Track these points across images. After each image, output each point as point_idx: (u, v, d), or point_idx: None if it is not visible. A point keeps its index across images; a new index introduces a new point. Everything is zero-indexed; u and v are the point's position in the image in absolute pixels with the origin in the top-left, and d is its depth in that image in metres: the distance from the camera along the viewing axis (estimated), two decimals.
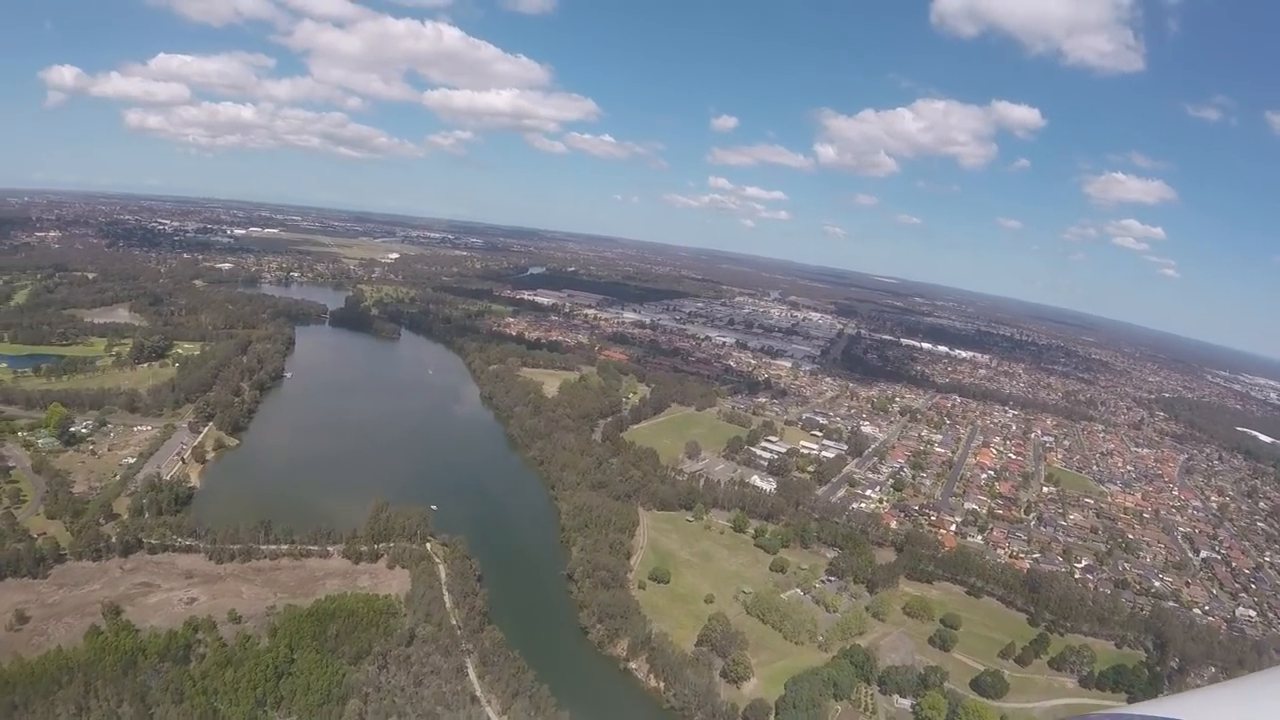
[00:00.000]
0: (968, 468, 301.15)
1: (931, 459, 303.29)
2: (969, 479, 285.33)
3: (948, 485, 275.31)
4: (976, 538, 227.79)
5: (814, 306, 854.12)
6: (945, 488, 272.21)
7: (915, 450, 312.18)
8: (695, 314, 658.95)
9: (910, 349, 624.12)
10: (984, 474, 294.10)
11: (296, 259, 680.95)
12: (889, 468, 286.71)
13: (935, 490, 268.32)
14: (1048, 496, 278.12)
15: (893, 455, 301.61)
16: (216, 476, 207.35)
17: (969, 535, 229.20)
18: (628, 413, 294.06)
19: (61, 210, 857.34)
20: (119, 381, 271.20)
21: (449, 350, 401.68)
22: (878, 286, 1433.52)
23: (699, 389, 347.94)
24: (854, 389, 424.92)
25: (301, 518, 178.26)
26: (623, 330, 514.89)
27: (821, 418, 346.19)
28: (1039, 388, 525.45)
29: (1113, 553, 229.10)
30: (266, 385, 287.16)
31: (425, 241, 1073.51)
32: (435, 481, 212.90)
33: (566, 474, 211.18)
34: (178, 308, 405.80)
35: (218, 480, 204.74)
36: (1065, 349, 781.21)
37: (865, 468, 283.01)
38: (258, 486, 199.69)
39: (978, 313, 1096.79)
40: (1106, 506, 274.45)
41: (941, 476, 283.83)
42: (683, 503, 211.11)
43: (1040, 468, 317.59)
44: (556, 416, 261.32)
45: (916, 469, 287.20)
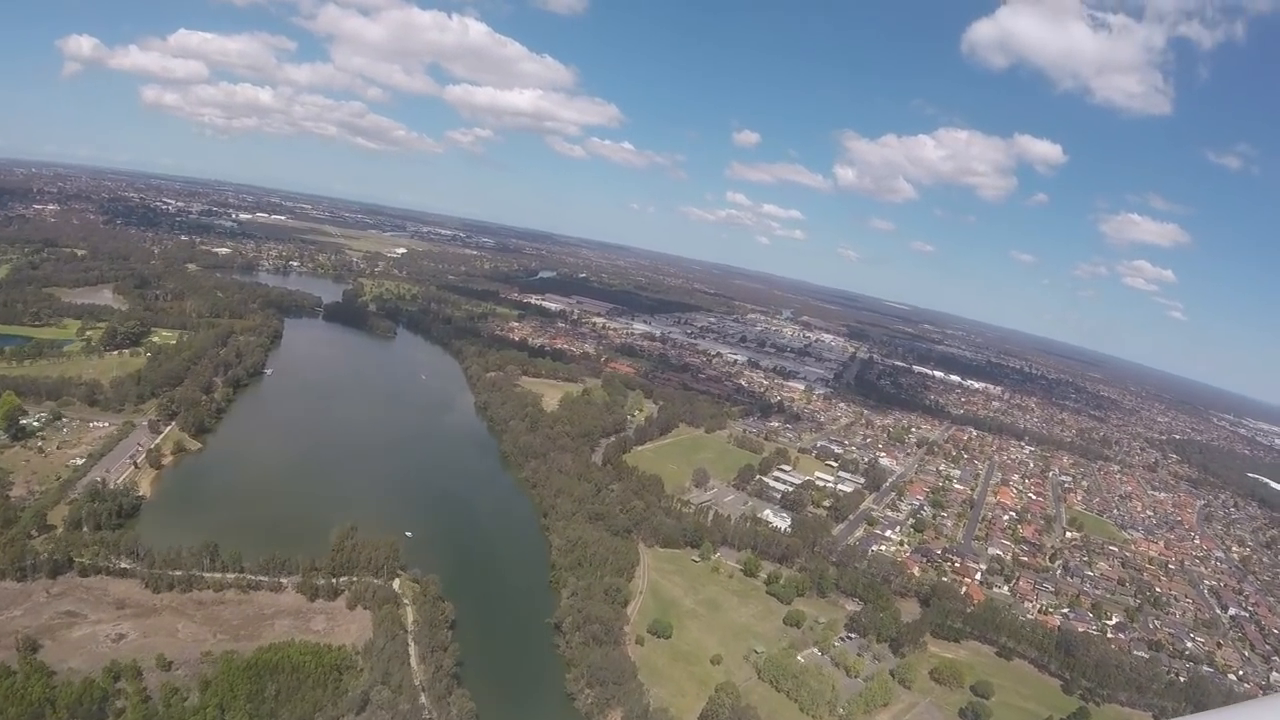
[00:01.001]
0: (988, 507, 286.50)
1: (951, 496, 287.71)
2: (990, 520, 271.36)
3: (969, 526, 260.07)
4: (1003, 588, 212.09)
5: (826, 328, 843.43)
6: (967, 529, 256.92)
7: (934, 486, 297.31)
8: (707, 329, 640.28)
9: (923, 377, 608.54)
10: (1005, 515, 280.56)
11: (299, 248, 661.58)
12: (908, 505, 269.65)
13: (957, 532, 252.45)
14: (1072, 543, 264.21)
15: (911, 491, 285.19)
16: (170, 485, 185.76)
17: (994, 585, 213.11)
18: (632, 432, 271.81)
19: (65, 184, 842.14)
20: (84, 370, 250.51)
21: (446, 353, 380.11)
22: (889, 312, 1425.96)
23: (709, 409, 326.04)
24: (869, 416, 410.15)
25: (257, 539, 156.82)
26: (631, 342, 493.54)
27: (837, 446, 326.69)
28: (1053, 423, 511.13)
29: (1142, 609, 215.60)
30: (243, 382, 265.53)
31: (436, 238, 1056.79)
32: (414, 502, 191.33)
33: (561, 501, 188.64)
34: (165, 291, 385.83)
35: (171, 489, 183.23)
36: (1074, 385, 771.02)
37: (884, 504, 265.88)
38: (213, 499, 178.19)
39: (987, 343, 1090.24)
40: (1131, 556, 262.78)
41: (962, 517, 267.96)
42: (689, 540, 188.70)
43: (1061, 510, 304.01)
44: (555, 434, 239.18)
45: (936, 507, 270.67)
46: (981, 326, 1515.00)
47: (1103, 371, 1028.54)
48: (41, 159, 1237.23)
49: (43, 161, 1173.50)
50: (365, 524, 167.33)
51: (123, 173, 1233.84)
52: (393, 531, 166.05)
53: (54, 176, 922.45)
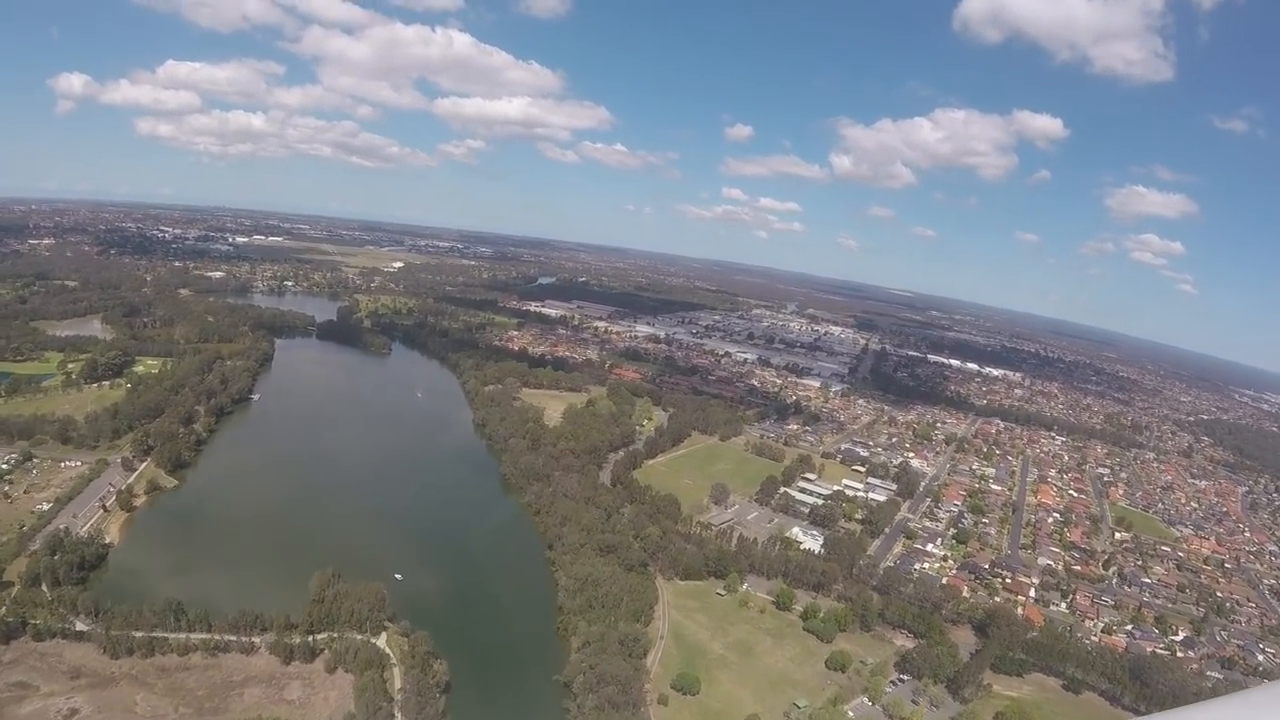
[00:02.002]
0: (1029, 508, 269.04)
1: (990, 499, 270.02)
2: (1035, 524, 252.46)
3: (1013, 533, 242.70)
4: (1060, 605, 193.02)
5: (833, 320, 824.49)
6: (1012, 536, 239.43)
7: (970, 488, 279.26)
8: (712, 327, 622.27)
9: (940, 366, 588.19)
10: (1050, 517, 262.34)
11: (294, 267, 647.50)
12: (946, 511, 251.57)
13: (1002, 540, 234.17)
14: (1123, 545, 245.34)
15: (947, 495, 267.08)
16: (141, 529, 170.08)
17: (1050, 602, 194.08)
18: (642, 445, 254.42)
19: (63, 218, 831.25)
20: (60, 405, 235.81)
21: (444, 367, 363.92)
22: (893, 300, 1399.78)
23: (722, 414, 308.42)
24: (890, 413, 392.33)
25: (231, 589, 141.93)
26: (636, 345, 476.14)
27: (862, 449, 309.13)
28: (1079, 409, 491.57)
29: (1207, 618, 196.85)
30: (227, 410, 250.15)
31: (433, 250, 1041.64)
32: (405, 537, 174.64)
33: (568, 530, 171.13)
34: (154, 319, 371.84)
35: (141, 534, 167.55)
36: (1093, 366, 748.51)
37: (920, 512, 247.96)
38: (186, 543, 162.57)
39: (996, 327, 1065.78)
40: (1185, 556, 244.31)
41: (1005, 522, 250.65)
42: (712, 569, 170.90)
43: (1105, 507, 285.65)
44: (558, 452, 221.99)
45: (976, 512, 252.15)
46: (989, 310, 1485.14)
47: (1117, 350, 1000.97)
48: (42, 195, 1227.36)
49: (43, 198, 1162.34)
50: (351, 566, 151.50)
51: (122, 204, 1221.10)
52: (380, 575, 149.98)
53: (52, 211, 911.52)
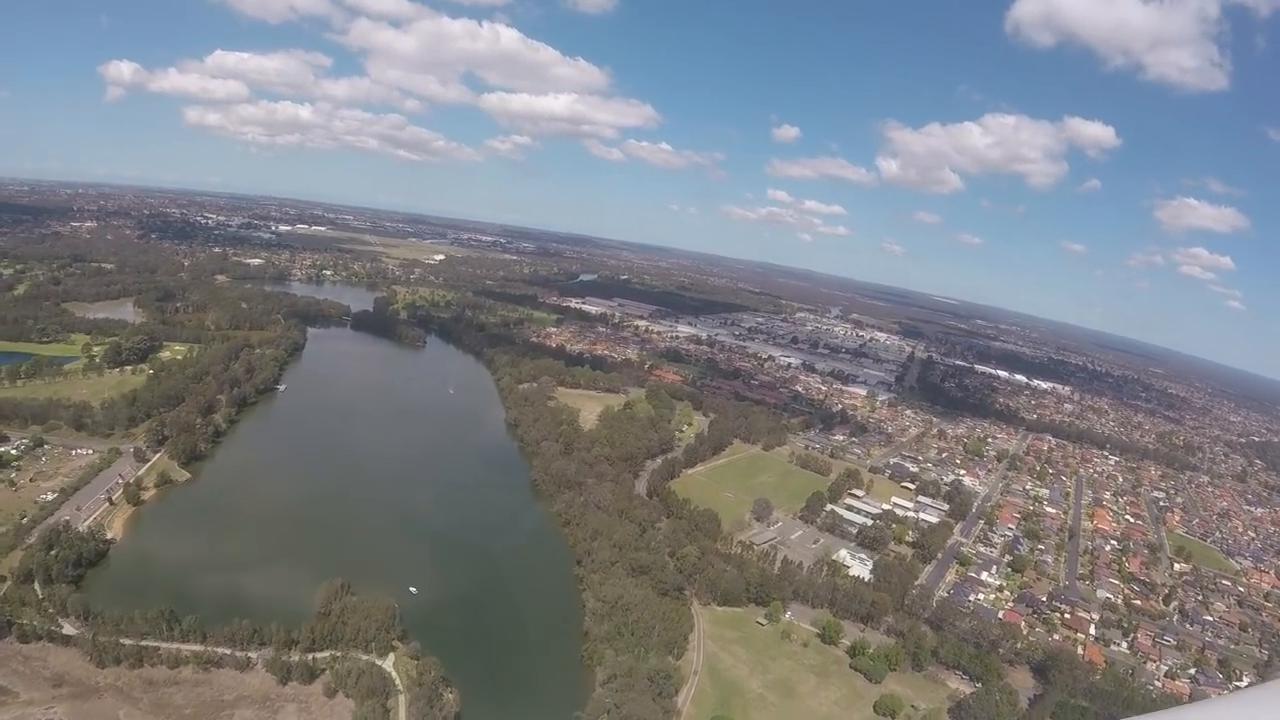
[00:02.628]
0: (1086, 534, 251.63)
1: (1045, 523, 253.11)
2: (1093, 552, 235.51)
3: (1070, 561, 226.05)
4: (1120, 644, 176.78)
5: (878, 326, 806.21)
6: (1069, 565, 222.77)
7: (1024, 510, 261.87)
8: (755, 330, 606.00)
9: (988, 377, 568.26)
10: (1107, 544, 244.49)
11: (334, 257, 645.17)
12: (1000, 536, 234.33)
13: (1059, 568, 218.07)
14: (1182, 578, 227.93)
15: (1001, 517, 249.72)
16: (146, 525, 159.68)
17: (1111, 640, 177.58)
18: (681, 453, 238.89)
19: (107, 202, 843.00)
20: (79, 390, 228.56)
21: (479, 362, 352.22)
22: (938, 307, 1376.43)
23: (765, 421, 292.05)
24: (939, 425, 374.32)
25: (233, 596, 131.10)
26: (677, 346, 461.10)
27: (911, 464, 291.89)
28: (1130, 427, 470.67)
29: (1271, 662, 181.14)
30: (250, 400, 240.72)
31: (475, 244, 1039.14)
32: (425, 546, 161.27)
33: (598, 546, 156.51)
34: (186, 304, 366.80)
35: (146, 531, 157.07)
36: (1141, 382, 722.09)
37: (973, 536, 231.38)
38: (191, 543, 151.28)
39: (1042, 338, 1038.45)
40: (1245, 591, 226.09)
41: (1061, 549, 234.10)
42: (753, 595, 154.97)
43: (1163, 534, 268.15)
44: (592, 458, 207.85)
45: (1032, 538, 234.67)
46: (1034, 321, 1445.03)
47: (1164, 366, 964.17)
48: (92, 181, 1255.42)
49: (92, 183, 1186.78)
50: (363, 575, 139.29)
51: (169, 191, 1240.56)
52: (393, 587, 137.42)
53: (98, 195, 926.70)
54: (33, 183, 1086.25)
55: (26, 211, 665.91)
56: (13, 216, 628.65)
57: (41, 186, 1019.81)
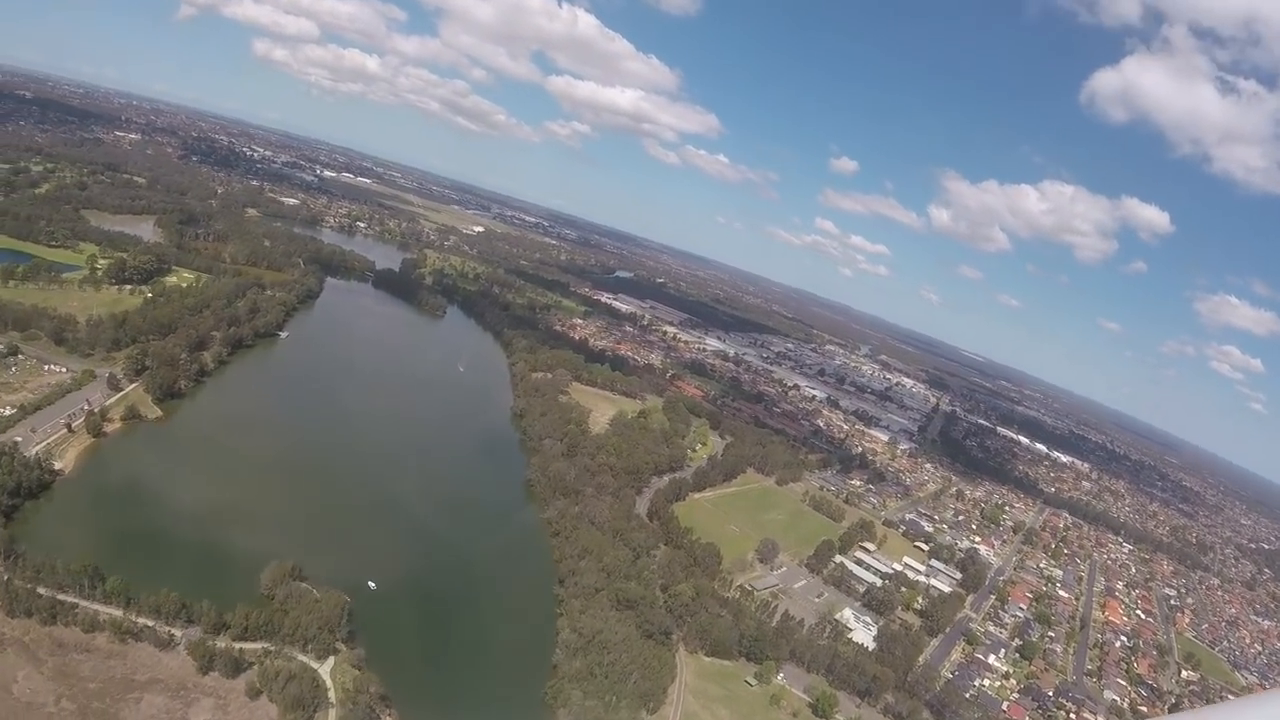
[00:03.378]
0: (1096, 625, 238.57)
1: (1057, 608, 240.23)
2: (1103, 647, 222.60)
3: (1079, 654, 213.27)
4: None
5: (905, 371, 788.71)
6: (1077, 658, 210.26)
7: (1037, 591, 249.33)
8: (784, 355, 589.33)
9: (1009, 441, 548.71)
10: (1117, 640, 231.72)
11: (372, 210, 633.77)
12: (1011, 616, 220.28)
13: (1067, 659, 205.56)
14: (1189, 687, 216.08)
15: (1013, 595, 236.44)
16: (101, 462, 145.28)
17: None
18: (690, 475, 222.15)
19: (158, 118, 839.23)
20: (70, 301, 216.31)
21: (496, 343, 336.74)
22: (965, 361, 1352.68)
23: (783, 453, 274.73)
24: (958, 484, 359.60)
25: (172, 558, 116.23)
26: (702, 359, 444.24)
27: (926, 522, 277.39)
28: (1145, 515, 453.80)
29: None
30: (247, 343, 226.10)
31: (518, 223, 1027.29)
32: (397, 535, 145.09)
33: (586, 567, 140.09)
34: (208, 232, 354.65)
35: (99, 468, 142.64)
36: (1158, 470, 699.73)
37: (983, 611, 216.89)
38: (144, 489, 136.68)
39: (1064, 410, 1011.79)
40: None
41: (1071, 638, 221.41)
42: (746, 649, 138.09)
43: (1172, 636, 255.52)
44: (595, 465, 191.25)
45: (1042, 622, 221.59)
46: (1058, 391, 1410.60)
47: (1180, 456, 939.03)
48: (147, 95, 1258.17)
49: (147, 97, 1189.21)
50: (320, 560, 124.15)
51: (225, 118, 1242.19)
52: (351, 578, 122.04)
53: (151, 110, 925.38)
54: (89, 86, 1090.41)
55: (74, 114, 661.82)
56: (60, 116, 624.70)
57: (96, 91, 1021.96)
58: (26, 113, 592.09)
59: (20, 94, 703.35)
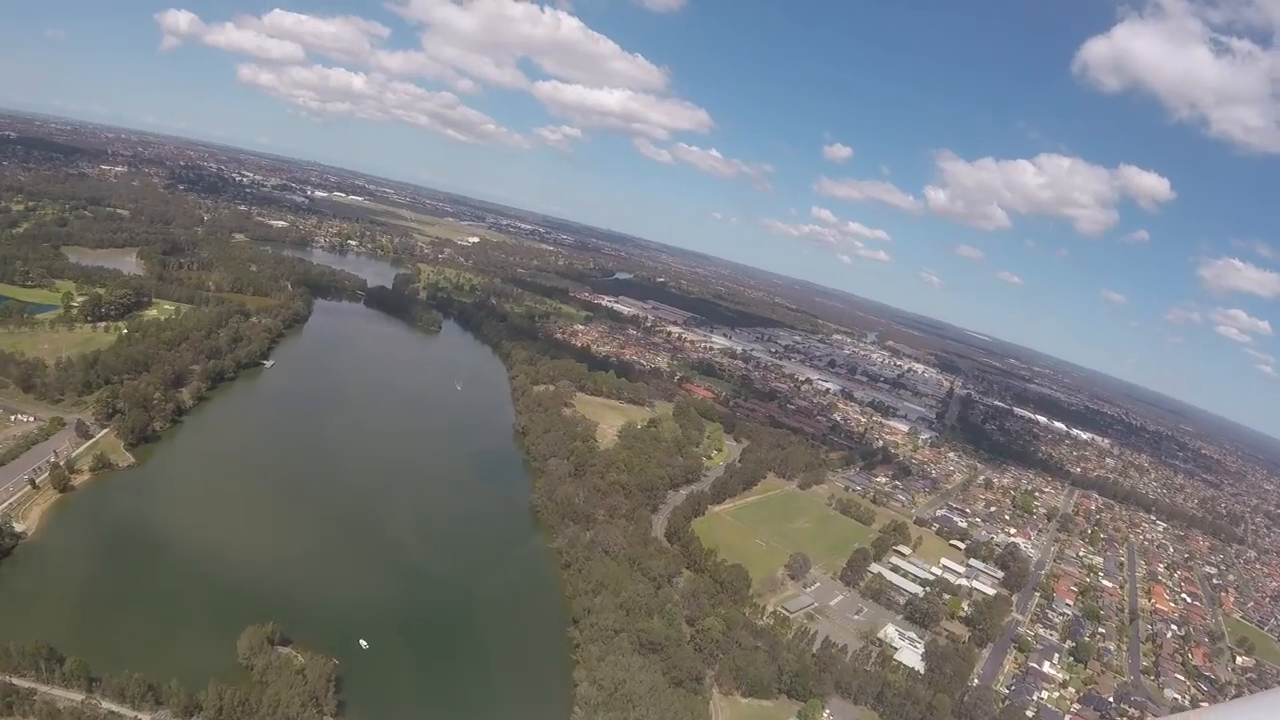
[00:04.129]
0: (1144, 615, 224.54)
1: (1103, 599, 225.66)
2: (1155, 639, 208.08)
3: (1132, 650, 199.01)
4: None
5: (915, 356, 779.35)
6: (1131, 655, 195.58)
7: (1081, 583, 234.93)
8: (792, 349, 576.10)
9: (1028, 423, 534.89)
10: (1168, 630, 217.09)
11: (363, 227, 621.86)
12: (1059, 613, 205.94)
13: (1121, 656, 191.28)
14: (1246, 674, 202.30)
15: (1058, 590, 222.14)
16: (69, 520, 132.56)
17: None
18: (708, 486, 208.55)
19: (145, 149, 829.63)
20: (42, 343, 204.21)
21: (496, 355, 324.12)
22: (972, 342, 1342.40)
23: (803, 454, 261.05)
24: (985, 472, 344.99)
25: (142, 632, 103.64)
26: (710, 358, 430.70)
27: (959, 517, 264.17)
28: (1172, 489, 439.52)
29: None
30: (229, 375, 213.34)
31: (513, 231, 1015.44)
32: (391, 581, 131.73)
33: (602, 604, 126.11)
34: (192, 260, 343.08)
35: (66, 528, 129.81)
36: (1176, 440, 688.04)
37: (1029, 611, 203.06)
38: (114, 550, 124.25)
39: (1075, 384, 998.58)
40: None
41: (1123, 633, 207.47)
42: (786, 686, 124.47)
43: (1220, 618, 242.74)
44: (606, 484, 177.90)
45: (1091, 618, 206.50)
46: (1066, 366, 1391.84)
47: (1193, 424, 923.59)
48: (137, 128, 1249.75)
49: (136, 130, 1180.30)
50: (306, 618, 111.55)
51: (216, 146, 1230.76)
52: (340, 637, 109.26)
53: (137, 142, 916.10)
54: (76, 123, 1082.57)
55: (60, 150, 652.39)
56: (45, 154, 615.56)
57: (84, 128, 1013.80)
58: (10, 153, 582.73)
59: (4, 135, 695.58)
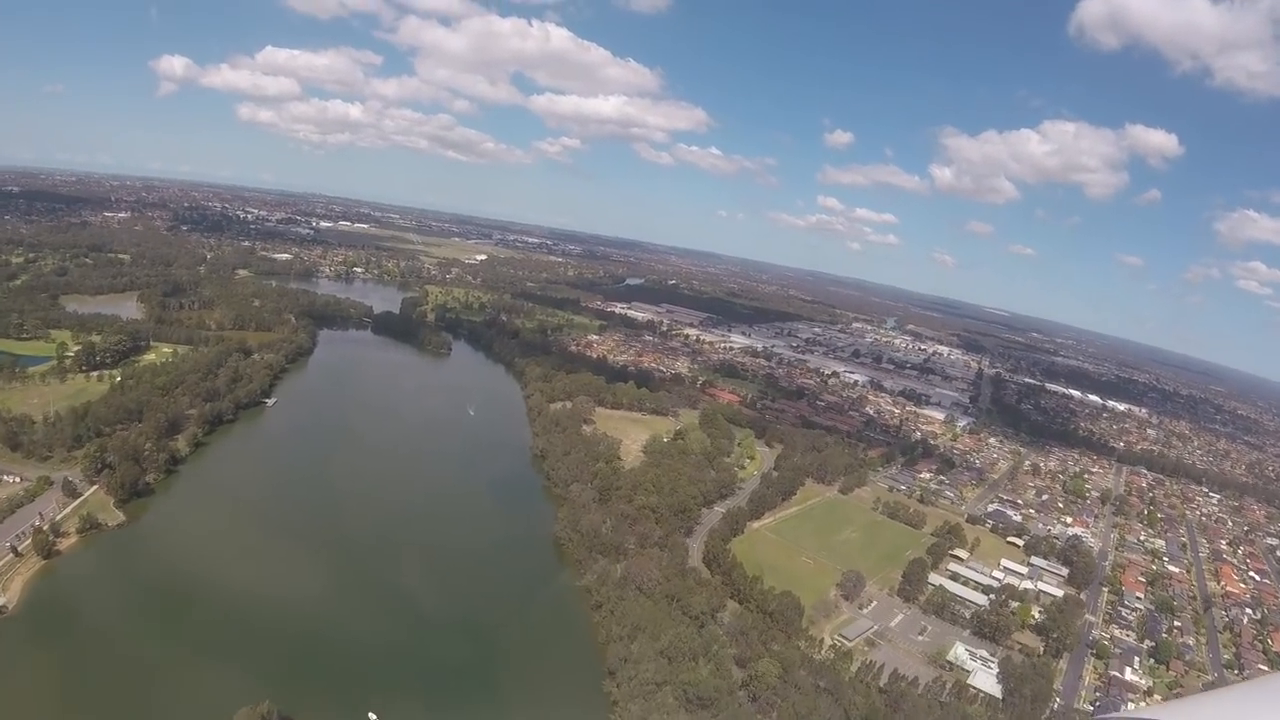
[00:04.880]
0: (1216, 599, 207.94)
1: (1172, 587, 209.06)
2: (1233, 627, 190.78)
3: (1211, 641, 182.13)
4: None
5: (937, 338, 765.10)
6: (1211, 648, 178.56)
7: (1148, 571, 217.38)
8: (813, 341, 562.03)
9: (1062, 398, 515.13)
10: (1243, 614, 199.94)
11: (369, 254, 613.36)
12: (1130, 609, 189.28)
13: (1200, 650, 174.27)
14: None
15: (1125, 583, 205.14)
16: (53, 588, 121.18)
17: None
18: (744, 500, 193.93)
19: (149, 194, 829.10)
20: (32, 397, 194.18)
21: (509, 374, 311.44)
22: (990, 319, 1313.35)
23: (840, 455, 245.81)
24: (1029, 456, 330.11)
25: (127, 714, 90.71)
26: (731, 358, 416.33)
27: (1012, 510, 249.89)
28: (1217, 455, 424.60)
29: None
30: (229, 418, 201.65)
31: (520, 246, 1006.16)
32: (404, 639, 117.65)
33: (639, 651, 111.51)
34: (194, 300, 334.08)
35: (51, 599, 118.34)
36: (1211, 403, 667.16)
37: (1100, 610, 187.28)
38: (102, 621, 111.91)
39: (1100, 354, 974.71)
40: None
41: (1199, 624, 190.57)
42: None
43: None
44: (635, 509, 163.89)
45: (1165, 610, 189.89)
46: (1088, 335, 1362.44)
47: (1224, 384, 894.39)
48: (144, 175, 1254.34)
49: (142, 177, 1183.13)
50: (309, 689, 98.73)
51: (222, 186, 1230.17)
52: (347, 711, 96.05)
53: (142, 187, 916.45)
54: (82, 174, 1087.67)
55: (63, 201, 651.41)
56: (48, 205, 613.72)
57: (89, 178, 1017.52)
58: (13, 206, 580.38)
59: (7, 189, 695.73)
